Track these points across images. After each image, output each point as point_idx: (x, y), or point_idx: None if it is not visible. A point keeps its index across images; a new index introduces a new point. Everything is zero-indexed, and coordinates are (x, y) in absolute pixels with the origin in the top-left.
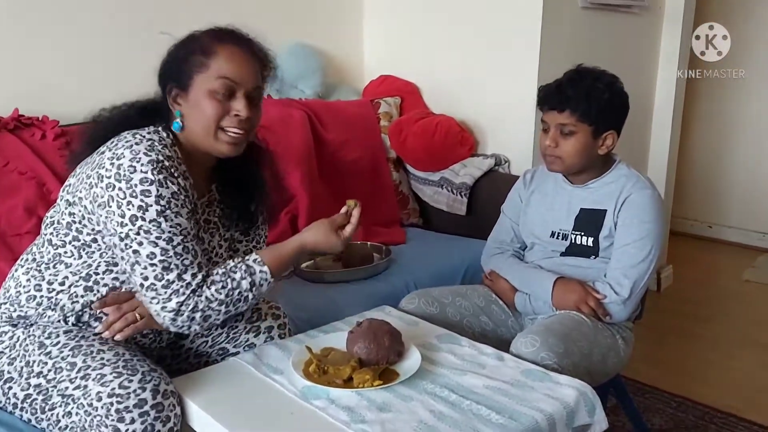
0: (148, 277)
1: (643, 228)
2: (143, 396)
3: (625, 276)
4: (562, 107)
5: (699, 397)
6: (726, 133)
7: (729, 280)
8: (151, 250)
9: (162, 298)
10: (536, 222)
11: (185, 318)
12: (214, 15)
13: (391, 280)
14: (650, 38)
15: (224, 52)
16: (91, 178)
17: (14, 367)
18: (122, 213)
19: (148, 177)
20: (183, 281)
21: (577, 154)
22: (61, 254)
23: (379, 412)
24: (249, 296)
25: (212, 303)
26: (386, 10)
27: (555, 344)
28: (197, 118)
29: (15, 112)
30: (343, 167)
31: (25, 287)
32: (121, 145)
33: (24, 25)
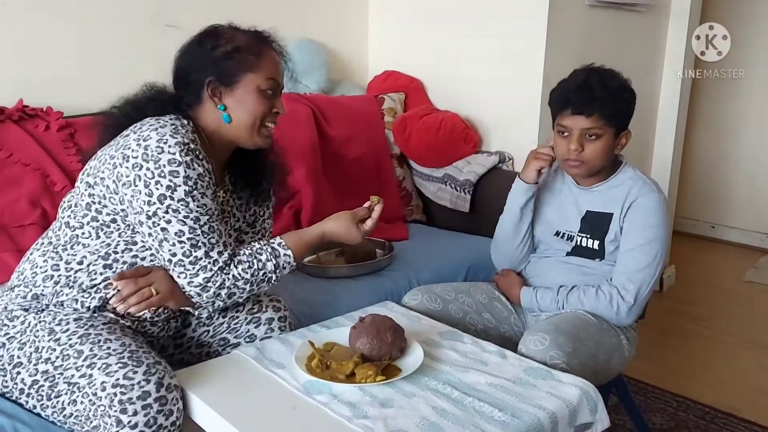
0: (176, 253)
1: (648, 232)
2: (147, 388)
3: (630, 281)
4: (590, 111)
5: (700, 397)
6: (729, 134)
7: (731, 280)
8: (180, 228)
9: (189, 274)
10: (542, 220)
11: (211, 294)
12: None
13: (394, 276)
14: (656, 37)
15: (270, 54)
16: (114, 158)
17: (24, 352)
18: (150, 192)
19: (176, 158)
20: (210, 258)
21: (601, 157)
22: (78, 235)
23: (382, 407)
24: (272, 277)
25: (238, 281)
26: (391, 5)
27: (564, 343)
28: (243, 113)
29: (19, 102)
30: (347, 163)
31: (41, 267)
32: (146, 128)
33: (28, 16)
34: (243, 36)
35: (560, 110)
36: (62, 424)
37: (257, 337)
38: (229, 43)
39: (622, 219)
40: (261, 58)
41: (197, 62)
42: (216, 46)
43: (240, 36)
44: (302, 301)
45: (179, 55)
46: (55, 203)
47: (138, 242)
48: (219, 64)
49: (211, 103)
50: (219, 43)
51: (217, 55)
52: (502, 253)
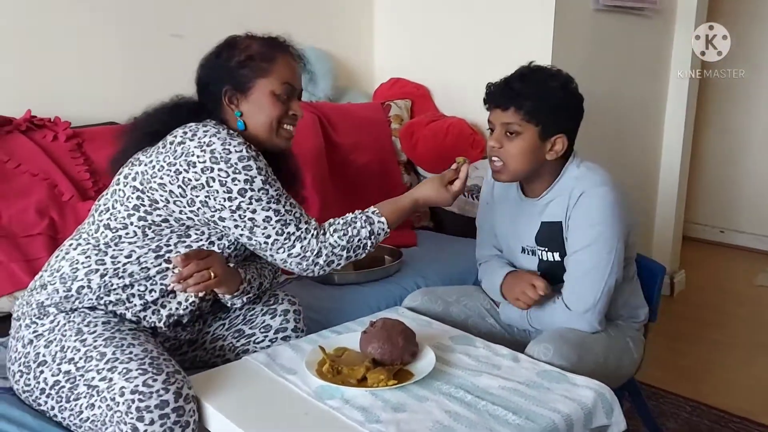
0: (270, 235)
1: (590, 233)
2: (166, 397)
3: (577, 287)
4: (507, 105)
5: (713, 402)
6: (737, 138)
7: (741, 284)
8: (266, 214)
9: (287, 247)
10: (507, 236)
11: (310, 262)
12: (224, 18)
13: (403, 282)
14: (662, 41)
15: (283, 59)
16: (175, 165)
17: (49, 351)
18: (228, 189)
19: (244, 155)
20: (301, 230)
21: (522, 157)
22: (121, 236)
23: (394, 412)
24: (368, 243)
25: (335, 249)
26: (396, 13)
27: (569, 352)
28: (259, 117)
29: (27, 113)
30: (354, 170)
31: (84, 263)
32: (201, 134)
33: (37, 28)
34: (257, 44)
35: (487, 104)
36: (77, 428)
37: (272, 327)
38: (243, 52)
39: (567, 223)
40: (273, 64)
41: (215, 73)
42: (231, 56)
43: (254, 44)
44: (311, 308)
45: (200, 67)
46: (63, 213)
47: (192, 235)
48: (234, 74)
49: (230, 110)
50: (234, 53)
51: (232, 65)
52: None
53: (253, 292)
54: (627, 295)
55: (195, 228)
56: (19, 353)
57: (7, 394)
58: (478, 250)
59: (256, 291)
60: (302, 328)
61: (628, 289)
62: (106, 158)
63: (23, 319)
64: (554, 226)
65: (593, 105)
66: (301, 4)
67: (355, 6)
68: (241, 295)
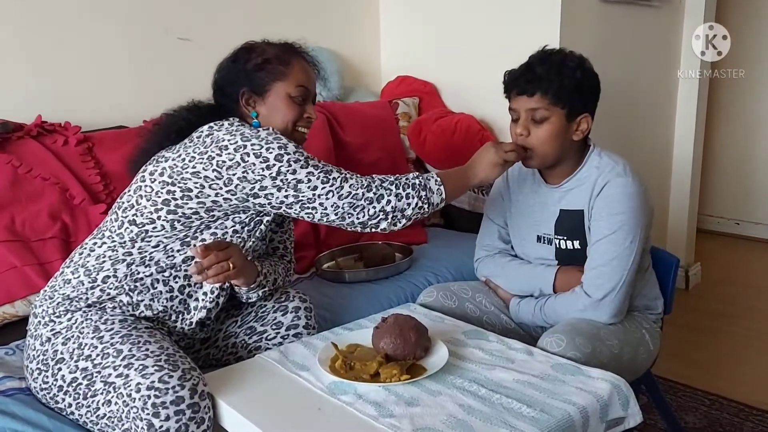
0: (316, 186)
1: (613, 221)
2: (181, 393)
3: (597, 276)
4: (533, 90)
5: (732, 395)
6: (751, 129)
7: (758, 277)
8: (307, 170)
9: (335, 190)
10: (521, 225)
11: (361, 197)
12: (231, 20)
13: (414, 279)
14: (671, 33)
15: (298, 63)
16: (206, 154)
17: (67, 348)
18: (265, 158)
19: (271, 132)
20: (344, 173)
21: (551, 142)
22: (149, 230)
23: (408, 406)
24: (416, 184)
25: (384, 182)
26: (402, 11)
27: (582, 344)
28: (275, 119)
29: (38, 118)
30: (363, 168)
31: (110, 256)
32: (227, 125)
33: (46, 33)
34: (273, 48)
35: (508, 94)
36: (93, 425)
37: (284, 324)
38: (260, 56)
39: (590, 212)
40: (290, 68)
41: (232, 76)
42: (248, 59)
43: (270, 49)
44: (322, 306)
45: (217, 71)
46: (75, 217)
47: (272, 201)
48: (251, 76)
49: (247, 113)
50: (251, 57)
51: (249, 68)
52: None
53: (269, 287)
54: (642, 286)
55: (224, 217)
56: (37, 351)
57: (22, 394)
58: (484, 240)
59: (271, 286)
60: (313, 325)
61: (643, 281)
62: (117, 161)
63: (42, 317)
64: (575, 214)
65: (603, 97)
66: (307, 5)
67: (361, 5)
68: (257, 289)
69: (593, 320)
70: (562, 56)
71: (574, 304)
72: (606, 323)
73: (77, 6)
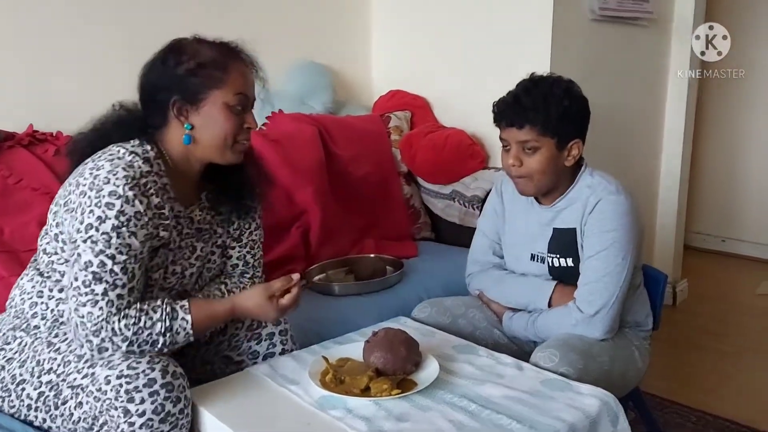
0: (78, 278)
1: (605, 238)
2: (152, 375)
3: (590, 292)
4: (521, 123)
5: (718, 411)
6: (737, 147)
7: (744, 294)
8: (91, 258)
9: (80, 301)
10: (515, 243)
11: (84, 334)
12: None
13: (404, 292)
14: (659, 51)
15: (236, 67)
16: (71, 185)
17: (26, 369)
18: (82, 220)
19: (118, 191)
20: (106, 298)
21: (544, 171)
22: (54, 261)
23: (398, 421)
24: (159, 340)
25: (116, 337)
26: (394, 26)
27: (575, 360)
28: (212, 131)
29: (29, 128)
30: (355, 181)
31: (29, 294)
32: (104, 157)
33: (38, 43)
34: (208, 50)
35: (497, 124)
36: None
37: (260, 353)
38: (193, 59)
39: (583, 231)
40: (227, 73)
41: (161, 81)
42: (179, 62)
43: (205, 50)
44: (312, 319)
45: (143, 73)
46: None
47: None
48: (183, 82)
49: (178, 123)
50: (182, 59)
51: (180, 73)
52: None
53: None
54: (633, 303)
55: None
56: None
57: None
58: (477, 255)
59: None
60: (290, 348)
61: (634, 297)
62: None
63: None
64: (568, 232)
65: (592, 115)
66: (299, 19)
67: (353, 20)
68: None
69: (585, 336)
70: (548, 85)
71: (566, 319)
72: (598, 339)
73: (69, 15)
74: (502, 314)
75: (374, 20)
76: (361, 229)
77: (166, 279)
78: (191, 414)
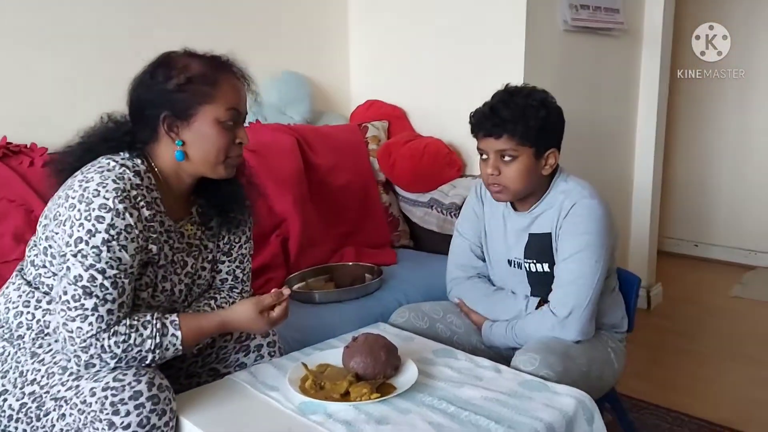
0: (67, 292)
1: (579, 241)
2: (138, 388)
3: (564, 294)
4: (499, 133)
5: (693, 412)
6: (709, 152)
7: (717, 297)
8: (80, 272)
9: (70, 315)
10: (494, 249)
11: (74, 349)
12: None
13: (384, 299)
14: (631, 61)
15: (227, 81)
16: (60, 198)
17: (8, 380)
18: (71, 233)
19: (108, 204)
20: (96, 314)
21: (521, 179)
22: (41, 274)
23: (378, 425)
24: (149, 357)
25: (105, 354)
26: (371, 37)
27: (555, 362)
28: (204, 147)
29: (3, 140)
30: (334, 190)
31: (14, 303)
32: (94, 169)
33: (12, 54)
34: (197, 64)
35: (475, 135)
36: None
37: (247, 365)
38: (182, 73)
39: (558, 234)
40: (217, 88)
41: (150, 96)
42: (168, 77)
43: (194, 64)
44: (292, 327)
45: (132, 87)
46: None
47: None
48: (173, 98)
49: (168, 139)
50: (171, 74)
51: (169, 88)
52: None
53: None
54: (608, 305)
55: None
56: None
57: None
58: (458, 258)
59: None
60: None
61: (609, 300)
62: None
63: None
64: (543, 237)
65: (566, 125)
66: (277, 30)
67: (331, 31)
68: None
69: (561, 339)
70: (525, 96)
71: (542, 323)
72: (573, 341)
73: (44, 28)
74: (481, 324)
75: (352, 31)
76: (341, 237)
77: (155, 297)
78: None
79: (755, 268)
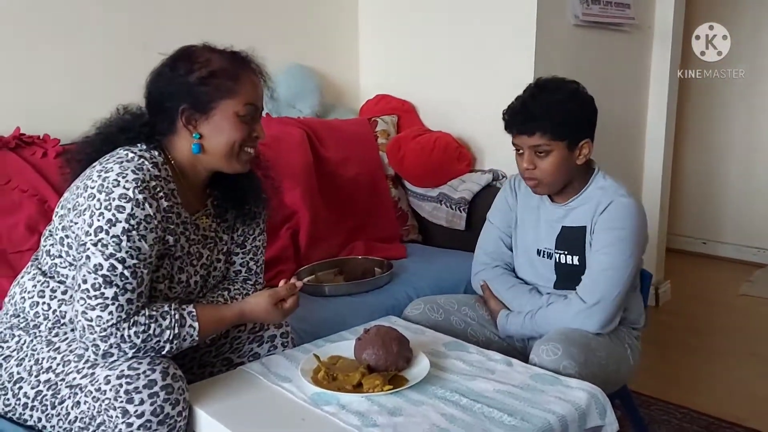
0: (87, 280)
1: (611, 234)
2: (153, 377)
3: (593, 282)
4: (531, 131)
5: (703, 408)
6: (718, 150)
7: (726, 294)
8: (101, 261)
9: (89, 304)
10: (524, 238)
11: (93, 338)
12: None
13: (394, 292)
14: (641, 56)
15: (247, 77)
16: (79, 188)
17: (23, 367)
18: (91, 222)
19: (128, 194)
20: (116, 302)
21: (557, 172)
22: (57, 264)
23: (391, 416)
24: (166, 347)
25: (124, 344)
26: (381, 30)
27: (576, 353)
28: (220, 140)
29: (16, 131)
30: (343, 184)
31: (30, 293)
32: (113, 160)
33: (25, 45)
34: (218, 59)
35: (509, 131)
36: None
37: (261, 355)
38: (204, 67)
39: (593, 227)
40: (238, 83)
41: (170, 88)
42: (190, 71)
43: (215, 59)
44: (303, 320)
45: (151, 80)
46: None
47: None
48: (193, 91)
49: (186, 132)
50: (193, 67)
51: (191, 81)
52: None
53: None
54: (630, 302)
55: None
56: None
57: None
58: (487, 245)
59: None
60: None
61: (631, 298)
62: None
63: None
64: (577, 230)
65: None
66: (287, 23)
67: (341, 24)
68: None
69: (582, 330)
70: (553, 89)
71: (566, 310)
72: (594, 332)
73: (56, 19)
74: (497, 312)
75: (362, 25)
76: (350, 230)
77: (171, 289)
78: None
79: (764, 266)
